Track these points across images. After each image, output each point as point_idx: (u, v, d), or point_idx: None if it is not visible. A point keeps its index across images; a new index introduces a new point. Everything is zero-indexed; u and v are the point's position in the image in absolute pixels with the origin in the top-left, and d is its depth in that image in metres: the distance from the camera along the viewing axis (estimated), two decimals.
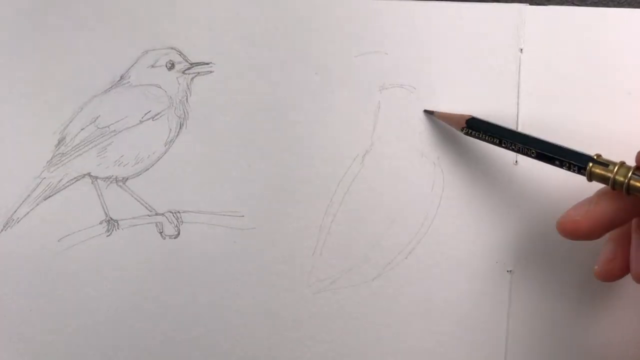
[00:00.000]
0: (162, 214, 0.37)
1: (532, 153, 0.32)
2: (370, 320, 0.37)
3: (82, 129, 0.37)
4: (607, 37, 0.36)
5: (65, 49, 0.37)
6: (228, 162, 0.37)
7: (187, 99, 0.37)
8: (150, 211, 0.37)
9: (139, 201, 0.37)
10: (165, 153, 0.37)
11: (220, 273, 0.37)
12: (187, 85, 0.37)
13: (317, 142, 0.37)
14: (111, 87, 0.37)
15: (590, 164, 0.30)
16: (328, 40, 0.37)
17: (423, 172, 0.37)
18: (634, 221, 0.31)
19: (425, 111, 0.36)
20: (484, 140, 0.34)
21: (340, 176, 0.37)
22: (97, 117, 0.37)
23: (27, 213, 0.37)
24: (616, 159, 0.30)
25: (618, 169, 0.29)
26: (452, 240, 0.37)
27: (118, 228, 0.37)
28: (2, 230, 0.37)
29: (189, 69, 0.37)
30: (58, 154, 0.37)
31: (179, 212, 0.37)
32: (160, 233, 0.37)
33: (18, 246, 0.37)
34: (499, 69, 0.36)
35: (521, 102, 0.36)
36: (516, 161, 0.36)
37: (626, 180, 0.29)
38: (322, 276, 0.37)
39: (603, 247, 0.33)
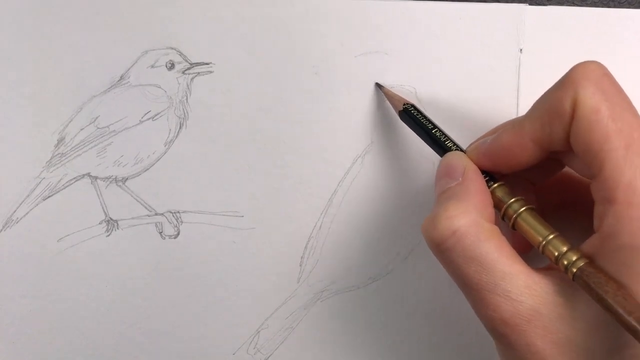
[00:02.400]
0: (162, 214, 0.37)
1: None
2: (370, 320, 0.37)
3: (81, 129, 0.37)
4: (607, 37, 0.36)
5: (65, 49, 0.37)
6: (228, 162, 0.37)
7: (187, 99, 0.37)
8: (150, 211, 0.37)
9: (138, 201, 0.37)
10: (165, 153, 0.37)
11: (219, 273, 0.37)
12: (187, 86, 0.37)
13: (317, 142, 0.37)
14: (111, 87, 0.37)
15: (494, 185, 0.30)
16: (328, 40, 0.37)
17: (423, 172, 0.37)
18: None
19: (376, 84, 0.36)
20: (415, 130, 0.34)
21: (340, 176, 0.37)
22: (97, 117, 0.37)
23: (27, 213, 0.37)
24: None
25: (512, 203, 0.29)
26: None
27: (118, 228, 0.37)
28: (1, 230, 0.37)
29: (189, 69, 0.37)
30: (57, 154, 0.37)
31: (178, 212, 0.37)
32: (160, 233, 0.37)
33: (17, 246, 0.37)
34: (498, 69, 0.36)
35: (521, 102, 0.36)
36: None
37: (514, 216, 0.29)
38: (322, 276, 0.37)
39: None
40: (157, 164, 0.37)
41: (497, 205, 0.29)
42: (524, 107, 0.36)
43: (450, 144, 0.32)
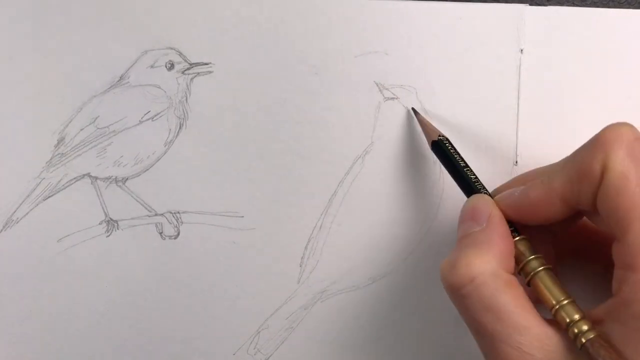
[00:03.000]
0: (162, 215, 0.37)
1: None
2: (370, 320, 0.37)
3: (81, 129, 0.37)
4: (607, 38, 0.36)
5: (65, 49, 0.37)
6: (228, 163, 0.37)
7: (186, 99, 0.37)
8: (150, 211, 0.37)
9: (138, 201, 0.37)
10: (164, 153, 0.37)
11: (219, 273, 0.37)
12: (187, 86, 0.37)
13: (317, 142, 0.37)
14: (110, 87, 0.37)
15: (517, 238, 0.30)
16: (328, 40, 0.37)
17: (423, 173, 0.37)
18: None
19: (413, 109, 0.36)
20: (443, 163, 0.34)
21: (341, 176, 0.37)
22: (97, 118, 0.37)
23: (27, 213, 0.37)
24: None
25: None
26: (452, 240, 0.37)
27: (118, 228, 0.37)
28: (1, 231, 0.37)
29: (188, 69, 0.37)
30: (57, 154, 0.37)
31: (178, 212, 0.37)
32: (160, 233, 0.37)
33: (17, 246, 0.37)
34: (499, 69, 0.36)
35: (521, 102, 0.36)
36: (516, 162, 0.36)
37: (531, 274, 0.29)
38: (322, 276, 0.37)
39: None
40: (157, 164, 0.37)
41: (517, 258, 0.29)
42: (525, 108, 0.36)
43: (479, 186, 0.32)
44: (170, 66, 0.37)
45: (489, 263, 0.27)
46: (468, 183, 0.32)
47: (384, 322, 0.37)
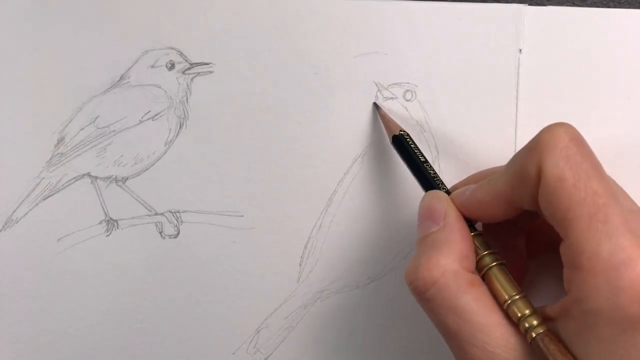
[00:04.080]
0: (162, 214, 0.37)
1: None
2: (370, 320, 0.37)
3: (81, 129, 0.37)
4: (607, 38, 0.36)
5: (65, 49, 0.37)
6: (228, 162, 0.37)
7: (187, 99, 0.37)
8: (150, 211, 0.37)
9: (138, 201, 0.37)
10: (165, 153, 0.37)
11: (219, 272, 0.37)
12: (187, 86, 0.37)
13: (317, 142, 0.37)
14: (111, 87, 0.37)
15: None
16: (328, 40, 0.37)
17: None
18: None
19: (374, 104, 0.36)
20: (404, 159, 0.34)
21: (340, 176, 0.37)
22: (97, 117, 0.37)
23: (27, 213, 0.37)
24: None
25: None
26: None
27: (117, 228, 0.37)
28: (1, 230, 0.37)
29: (189, 69, 0.37)
30: (57, 154, 0.37)
31: (178, 211, 0.37)
32: (160, 233, 0.37)
33: (17, 246, 0.37)
34: (498, 69, 0.36)
35: (520, 102, 0.36)
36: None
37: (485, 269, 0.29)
38: (321, 276, 0.37)
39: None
40: (157, 163, 0.37)
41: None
42: (523, 107, 0.36)
43: (437, 182, 0.32)
44: (171, 66, 0.37)
45: (449, 265, 0.28)
46: (427, 179, 0.32)
47: (383, 321, 0.37)
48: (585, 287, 0.25)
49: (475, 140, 0.36)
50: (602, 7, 0.37)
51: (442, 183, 0.32)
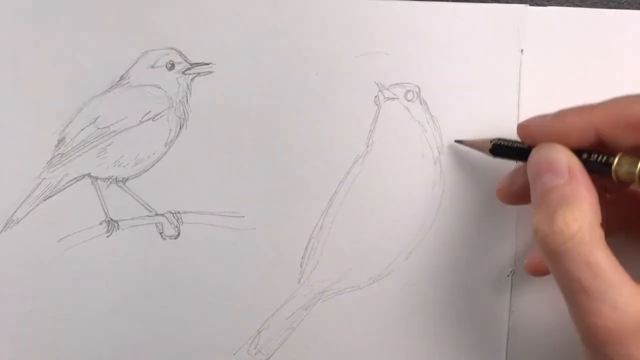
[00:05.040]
0: (162, 215, 0.37)
1: None
2: (371, 321, 0.37)
3: (81, 130, 0.37)
4: (608, 38, 0.36)
5: (65, 49, 0.37)
6: (228, 163, 0.37)
7: (187, 99, 0.37)
8: (150, 211, 0.37)
9: (139, 202, 0.37)
10: (165, 153, 0.37)
11: (220, 273, 0.37)
12: (187, 86, 0.37)
13: (317, 142, 0.37)
14: (111, 87, 0.37)
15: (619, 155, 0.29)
16: (328, 40, 0.37)
17: (423, 173, 0.37)
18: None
19: (456, 141, 0.36)
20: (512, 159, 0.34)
21: (341, 176, 0.37)
22: (97, 118, 0.37)
23: (27, 213, 0.37)
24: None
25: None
26: (452, 240, 0.37)
27: (118, 228, 0.37)
28: (2, 231, 0.37)
29: (189, 69, 0.37)
30: (58, 154, 0.37)
31: (179, 212, 0.37)
32: (160, 233, 0.37)
33: (18, 246, 0.37)
34: (499, 69, 0.36)
35: (521, 103, 0.36)
36: (516, 161, 0.36)
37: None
38: (322, 277, 0.37)
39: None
40: (158, 164, 0.37)
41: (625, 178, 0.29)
42: (525, 108, 0.36)
43: None
44: (171, 66, 0.37)
45: (587, 218, 0.27)
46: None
47: (385, 322, 0.37)
48: None
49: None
50: (602, 7, 0.37)
51: None
